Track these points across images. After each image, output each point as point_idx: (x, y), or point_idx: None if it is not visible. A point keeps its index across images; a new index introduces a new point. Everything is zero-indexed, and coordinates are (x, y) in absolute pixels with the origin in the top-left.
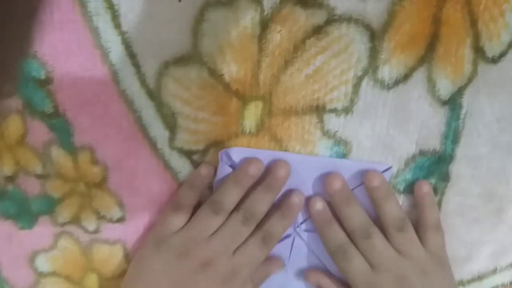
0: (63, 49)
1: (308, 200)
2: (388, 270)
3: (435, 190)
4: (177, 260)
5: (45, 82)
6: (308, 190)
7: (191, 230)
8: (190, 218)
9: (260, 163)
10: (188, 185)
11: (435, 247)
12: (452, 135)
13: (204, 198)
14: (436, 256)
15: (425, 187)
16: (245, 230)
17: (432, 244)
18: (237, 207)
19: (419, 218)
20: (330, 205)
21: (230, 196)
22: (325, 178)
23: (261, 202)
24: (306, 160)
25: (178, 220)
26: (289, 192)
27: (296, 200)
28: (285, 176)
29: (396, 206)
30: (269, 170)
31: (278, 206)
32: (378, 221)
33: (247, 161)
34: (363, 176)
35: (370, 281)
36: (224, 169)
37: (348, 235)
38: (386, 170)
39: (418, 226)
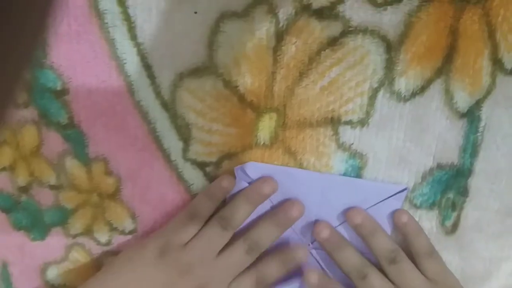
0: (79, 60)
1: (315, 226)
2: None
3: (453, 205)
4: (179, 277)
5: (61, 93)
6: (321, 208)
7: (198, 247)
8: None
9: (274, 183)
10: (207, 195)
11: (435, 273)
12: (471, 148)
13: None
14: (439, 282)
15: (403, 217)
16: (248, 260)
17: (430, 270)
18: (244, 235)
19: (410, 248)
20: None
21: (241, 213)
22: (314, 226)
23: (268, 236)
24: (320, 178)
25: (190, 229)
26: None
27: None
28: (297, 217)
29: (384, 238)
30: (283, 207)
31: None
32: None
33: (261, 179)
34: (377, 196)
35: None
36: (240, 185)
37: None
38: (400, 192)
39: (412, 257)
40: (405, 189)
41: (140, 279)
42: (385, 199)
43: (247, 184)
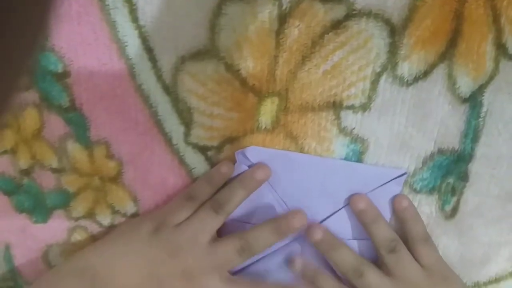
0: (80, 42)
1: (308, 228)
2: None
3: (453, 190)
4: (168, 257)
5: (62, 76)
6: (321, 192)
7: (190, 229)
8: None
9: (268, 169)
10: (206, 179)
11: (430, 261)
12: (472, 133)
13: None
14: (434, 271)
15: (404, 202)
16: (238, 260)
17: (425, 258)
18: (241, 234)
19: (406, 233)
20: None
21: (234, 198)
22: (307, 227)
23: (265, 241)
24: (321, 162)
25: (186, 210)
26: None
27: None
28: (298, 227)
29: (385, 227)
30: (285, 216)
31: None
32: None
33: (256, 165)
34: (377, 180)
35: None
36: (241, 169)
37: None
38: (400, 176)
39: (406, 243)
40: (404, 173)
41: (131, 253)
42: (385, 183)
43: (247, 168)
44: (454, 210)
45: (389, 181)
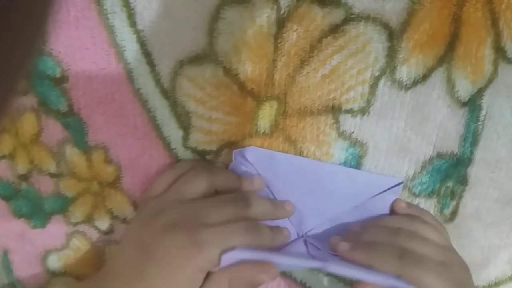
0: (78, 47)
1: (330, 241)
2: None
3: (452, 194)
4: (152, 219)
5: (60, 80)
6: (317, 196)
7: (175, 188)
8: None
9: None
10: (230, 177)
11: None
12: (471, 137)
13: None
14: (451, 249)
15: (402, 204)
16: (233, 210)
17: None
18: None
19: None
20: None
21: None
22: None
23: (261, 202)
24: (318, 166)
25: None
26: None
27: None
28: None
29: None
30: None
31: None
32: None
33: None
34: (374, 188)
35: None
36: (237, 169)
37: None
38: (397, 185)
39: None
40: (401, 182)
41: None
42: (382, 192)
43: (245, 169)
44: (453, 214)
45: (385, 190)
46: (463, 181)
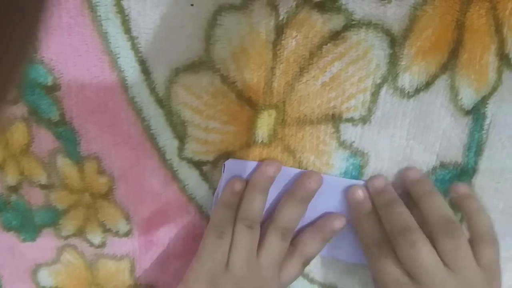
0: (71, 54)
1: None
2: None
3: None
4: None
5: (52, 89)
6: (314, 208)
7: (238, 260)
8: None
9: (278, 164)
10: (223, 205)
11: (489, 262)
12: (475, 146)
13: None
14: (488, 272)
15: (462, 188)
16: (285, 245)
17: (486, 259)
18: (272, 223)
19: (468, 227)
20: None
21: (257, 206)
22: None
23: (295, 215)
24: (297, 173)
25: (224, 247)
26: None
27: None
28: (316, 187)
29: (440, 202)
30: (297, 182)
31: (317, 227)
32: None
33: (263, 163)
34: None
35: None
36: (229, 180)
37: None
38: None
39: (469, 237)
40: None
41: None
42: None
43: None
44: None
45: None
46: None
